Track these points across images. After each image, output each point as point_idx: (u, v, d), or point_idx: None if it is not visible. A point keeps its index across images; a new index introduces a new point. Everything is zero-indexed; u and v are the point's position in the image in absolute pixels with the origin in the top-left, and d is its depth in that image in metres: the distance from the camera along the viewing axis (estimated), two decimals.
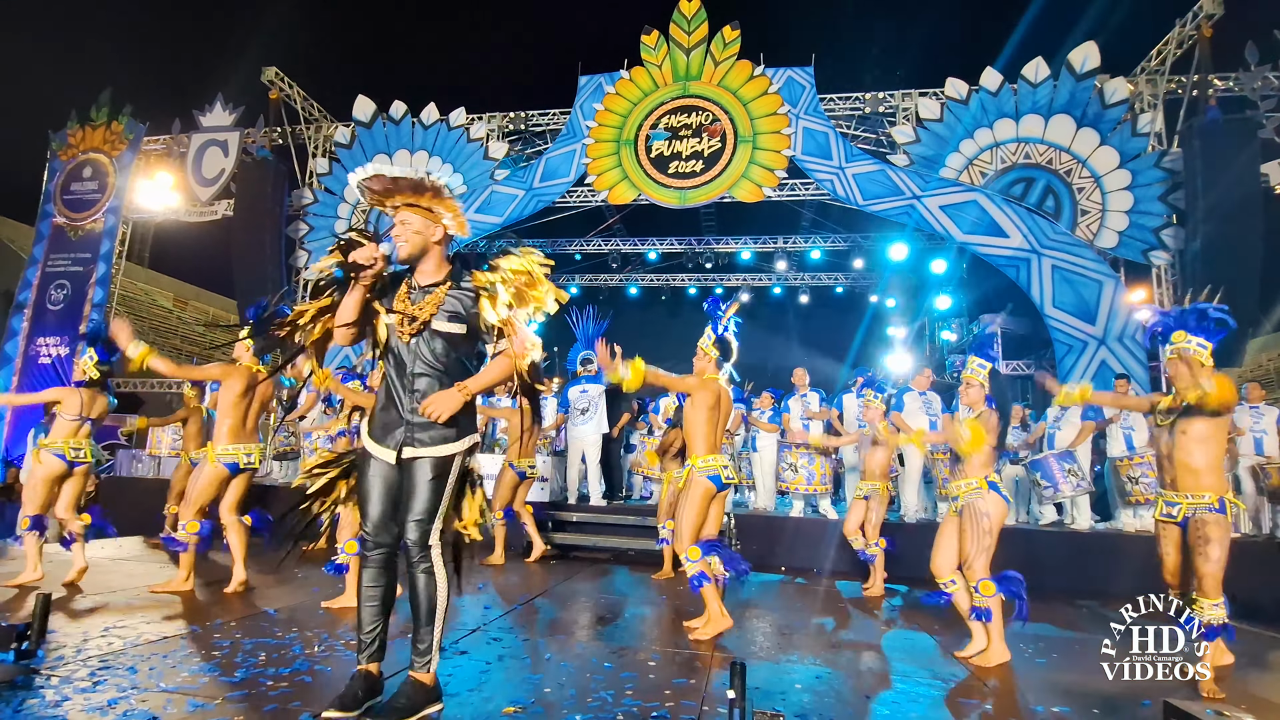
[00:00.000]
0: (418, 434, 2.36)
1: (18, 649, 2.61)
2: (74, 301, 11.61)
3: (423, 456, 2.35)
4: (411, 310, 2.41)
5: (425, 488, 2.33)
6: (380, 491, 2.38)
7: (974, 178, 9.57)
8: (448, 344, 2.41)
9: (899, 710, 2.70)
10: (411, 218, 2.40)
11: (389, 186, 2.38)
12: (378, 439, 2.40)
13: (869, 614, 4.63)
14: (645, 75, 10.27)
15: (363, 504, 2.40)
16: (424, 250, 2.44)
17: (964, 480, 3.52)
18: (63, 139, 12.20)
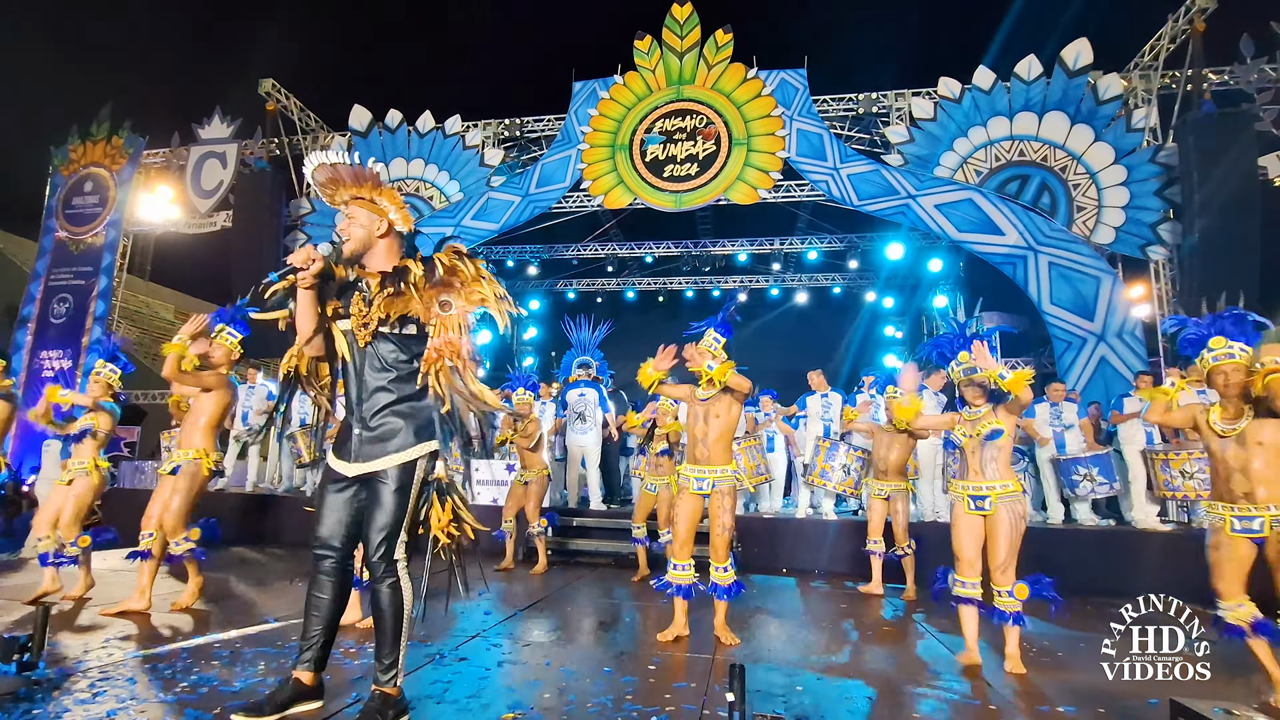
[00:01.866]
0: (368, 447, 2.29)
1: (19, 660, 2.62)
2: (76, 315, 11.66)
3: (376, 470, 2.28)
4: (366, 314, 2.29)
5: (385, 500, 2.26)
6: (334, 503, 2.32)
7: (968, 176, 9.58)
8: (398, 346, 2.31)
9: (902, 712, 2.70)
10: (357, 211, 2.36)
11: (331, 176, 2.35)
12: (336, 451, 2.36)
13: (875, 615, 4.62)
14: (639, 80, 10.31)
15: (317, 512, 2.35)
16: (368, 245, 2.37)
17: (999, 482, 3.36)
18: (64, 154, 12.26)
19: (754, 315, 14.44)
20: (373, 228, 2.37)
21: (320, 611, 2.31)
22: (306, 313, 2.30)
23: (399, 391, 2.31)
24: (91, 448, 4.50)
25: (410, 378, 2.32)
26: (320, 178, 2.35)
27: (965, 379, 3.51)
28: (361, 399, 2.31)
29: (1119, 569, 5.65)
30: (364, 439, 2.29)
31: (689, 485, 3.77)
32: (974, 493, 3.39)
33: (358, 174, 2.34)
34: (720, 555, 3.64)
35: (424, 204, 10.91)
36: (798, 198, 10.09)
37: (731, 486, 3.71)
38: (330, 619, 2.34)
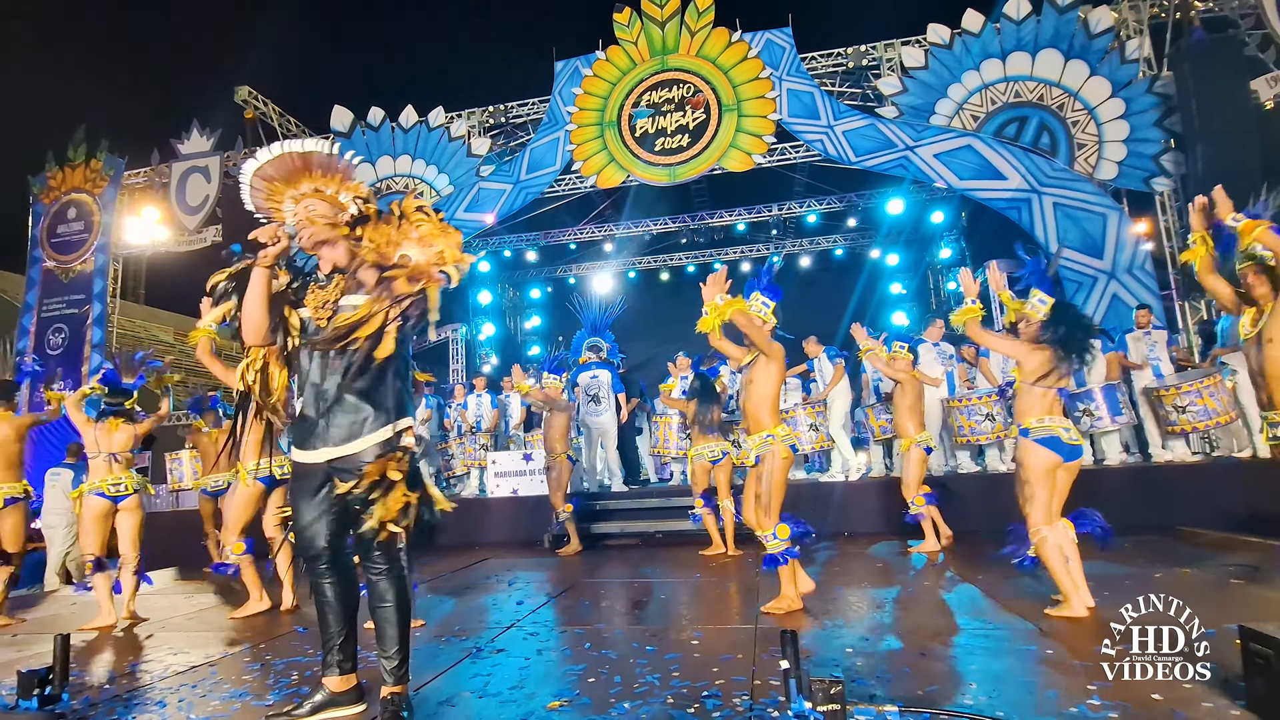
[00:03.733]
0: (339, 430, 2.16)
1: (40, 694, 2.53)
2: (73, 344, 11.55)
3: (353, 453, 2.15)
4: (324, 297, 2.23)
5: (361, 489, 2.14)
6: (309, 500, 2.20)
7: (966, 122, 9.38)
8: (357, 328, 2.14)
9: (957, 664, 2.60)
10: (317, 203, 2.22)
11: (298, 166, 2.20)
12: (301, 444, 2.23)
13: (909, 571, 4.52)
14: (621, 54, 10.07)
15: (294, 514, 2.22)
16: (331, 239, 2.24)
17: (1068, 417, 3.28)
18: (43, 182, 12.09)
19: None
20: (338, 220, 2.24)
21: (331, 612, 2.22)
22: (261, 297, 2.16)
23: (360, 376, 2.17)
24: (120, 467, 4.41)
25: (368, 360, 2.14)
26: (275, 171, 2.19)
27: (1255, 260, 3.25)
28: (326, 385, 2.18)
29: (1150, 504, 5.56)
30: (334, 424, 2.16)
31: (748, 458, 3.64)
32: (1066, 427, 3.17)
33: (329, 161, 2.22)
34: (765, 522, 3.49)
35: None
36: (793, 160, 9.89)
37: (771, 451, 3.51)
38: (345, 616, 2.24)
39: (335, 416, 2.16)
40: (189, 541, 6.62)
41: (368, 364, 2.12)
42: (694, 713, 2.24)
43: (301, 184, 2.22)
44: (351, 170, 2.27)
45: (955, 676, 2.45)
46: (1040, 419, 3.16)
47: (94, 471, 4.32)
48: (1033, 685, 2.35)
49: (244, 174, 2.23)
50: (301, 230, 2.21)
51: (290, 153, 2.19)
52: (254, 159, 2.21)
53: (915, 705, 2.15)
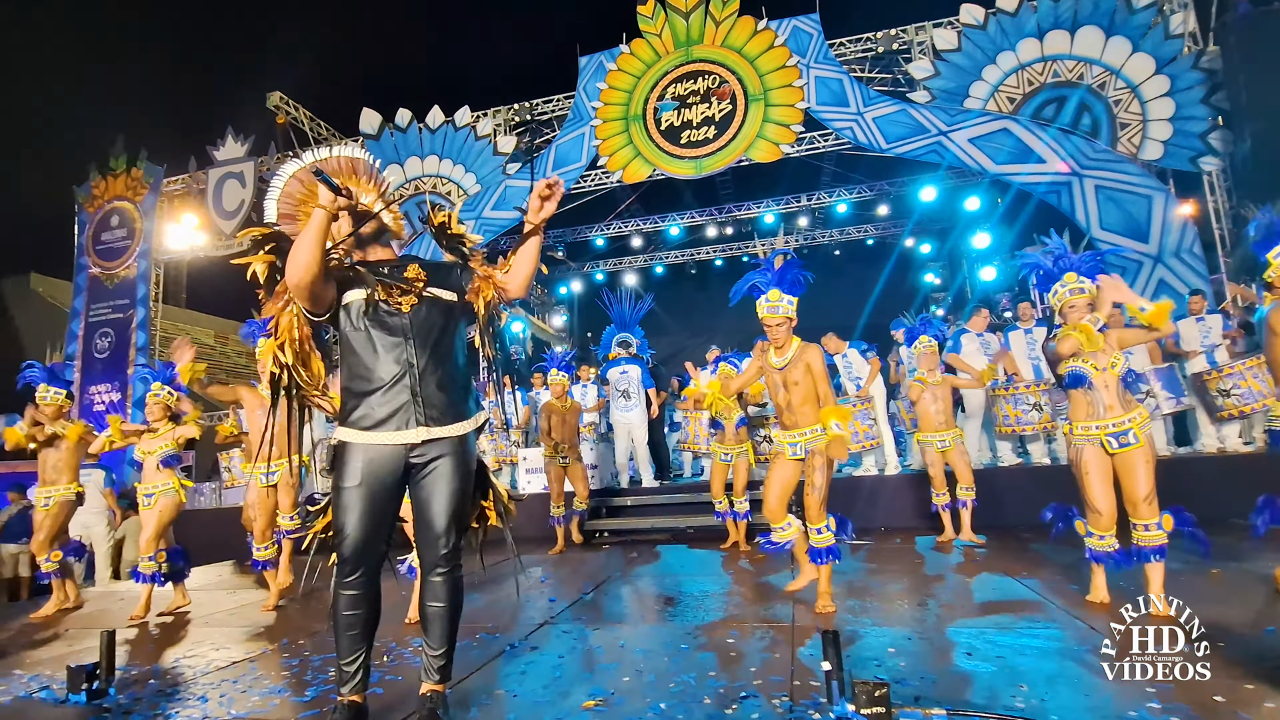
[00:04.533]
0: (431, 412, 2.09)
1: (89, 689, 2.58)
2: (119, 348, 11.91)
3: (443, 436, 2.09)
4: (399, 283, 2.16)
5: (454, 487, 2.09)
6: (368, 504, 2.04)
7: (1001, 105, 9.09)
8: (445, 313, 2.20)
9: (1006, 664, 2.50)
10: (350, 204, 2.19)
11: (335, 171, 2.20)
12: (376, 427, 2.06)
13: (950, 567, 4.40)
14: (645, 47, 9.99)
15: (348, 512, 2.04)
16: (377, 233, 2.25)
17: (1136, 411, 3.14)
18: (87, 191, 12.46)
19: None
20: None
21: (357, 630, 2.07)
22: (317, 237, 1.95)
23: (450, 361, 2.18)
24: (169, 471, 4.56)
25: (452, 345, 2.21)
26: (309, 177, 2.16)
27: (1071, 300, 3.19)
28: (414, 366, 2.09)
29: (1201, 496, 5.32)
30: (425, 405, 2.08)
31: (784, 451, 3.59)
32: (1115, 430, 3.13)
33: (371, 168, 2.28)
34: (815, 516, 3.45)
35: (443, 200, 10.81)
36: (822, 149, 9.69)
37: (824, 445, 3.47)
38: (372, 633, 2.12)
39: (428, 400, 2.09)
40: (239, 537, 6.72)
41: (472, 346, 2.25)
42: (732, 713, 2.19)
43: (351, 185, 2.21)
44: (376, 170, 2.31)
45: (1004, 678, 2.36)
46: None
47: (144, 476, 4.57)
48: (1088, 687, 2.24)
49: (280, 177, 2.23)
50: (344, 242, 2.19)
51: (339, 155, 2.21)
52: (295, 161, 2.22)
53: (963, 709, 2.07)
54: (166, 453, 4.54)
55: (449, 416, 2.12)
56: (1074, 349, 3.13)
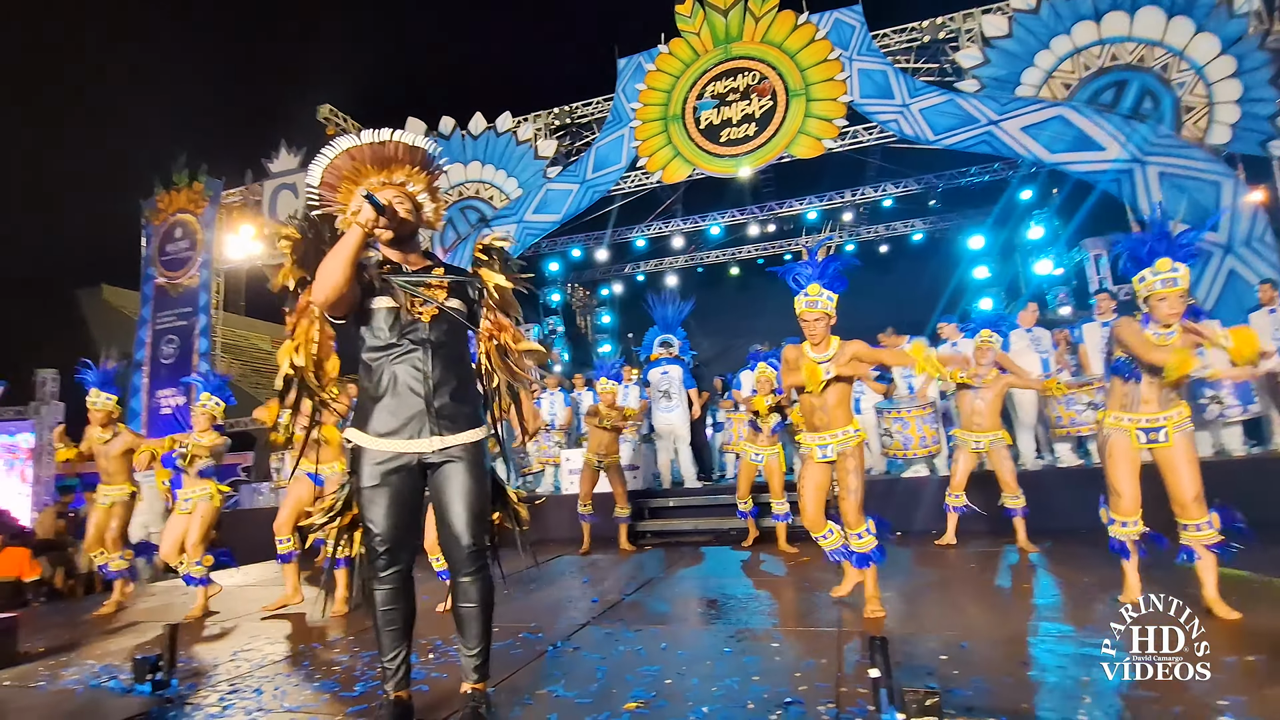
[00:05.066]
0: (444, 424, 2.12)
1: (153, 680, 2.69)
2: (183, 353, 12.45)
3: (456, 444, 2.12)
4: (423, 290, 2.16)
5: (468, 487, 2.12)
6: (391, 502, 2.08)
7: (1056, 92, 8.73)
8: (457, 324, 2.22)
9: (1066, 674, 2.38)
10: (398, 193, 2.18)
11: (394, 156, 2.15)
12: (390, 434, 2.10)
13: (1003, 572, 4.23)
14: (684, 46, 9.94)
15: (375, 510, 2.08)
16: (412, 234, 2.25)
17: (1174, 409, 2.96)
18: (152, 205, 13.07)
19: None
20: (415, 215, 2.24)
21: (396, 626, 2.12)
22: (349, 257, 1.97)
23: (463, 369, 2.23)
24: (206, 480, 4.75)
25: (463, 353, 2.26)
26: (369, 155, 2.13)
27: (1162, 291, 2.89)
28: (426, 375, 2.12)
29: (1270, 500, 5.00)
30: (436, 416, 2.11)
31: (813, 454, 3.48)
32: (1147, 425, 2.97)
33: (429, 158, 2.23)
34: (853, 520, 3.35)
35: (485, 205, 10.98)
36: (866, 143, 9.48)
37: (856, 447, 3.39)
38: (410, 630, 2.17)
39: (443, 409, 2.13)
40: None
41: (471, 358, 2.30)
42: (775, 719, 2.14)
43: (396, 172, 2.19)
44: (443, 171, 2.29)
45: (1064, 688, 2.25)
46: None
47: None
48: (1155, 698, 2.12)
49: (334, 147, 2.15)
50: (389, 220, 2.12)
51: (392, 140, 2.15)
52: (351, 136, 2.13)
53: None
54: (202, 464, 4.72)
55: (461, 425, 2.15)
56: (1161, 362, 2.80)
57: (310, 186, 2.15)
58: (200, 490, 4.67)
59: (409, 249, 2.26)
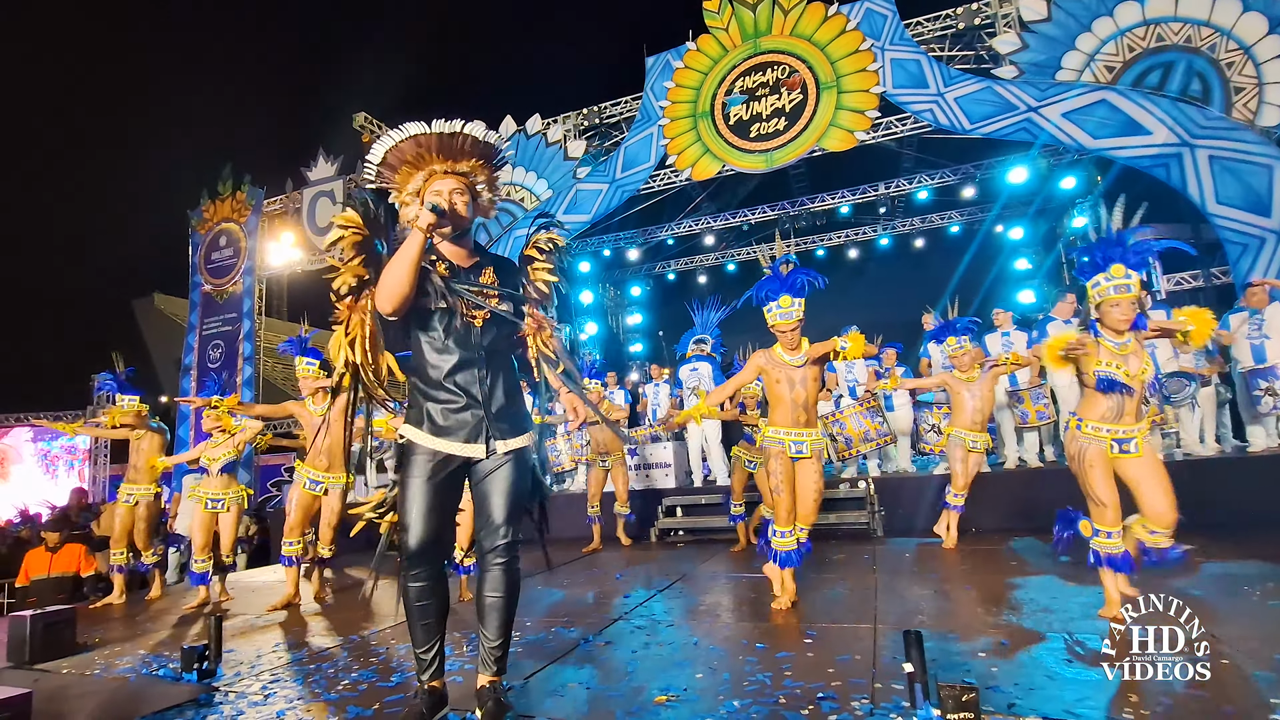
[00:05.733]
0: (501, 427, 2.17)
1: (199, 668, 2.78)
2: (229, 357, 12.86)
3: (511, 449, 2.19)
4: (475, 294, 2.20)
5: (514, 483, 2.17)
6: (433, 499, 2.11)
7: (1099, 75, 8.45)
8: (507, 326, 2.26)
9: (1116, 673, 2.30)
10: (460, 184, 2.19)
11: (459, 147, 2.14)
12: (448, 436, 2.14)
13: (1049, 571, 4.11)
14: (712, 42, 9.89)
15: (413, 508, 2.10)
16: (468, 227, 2.26)
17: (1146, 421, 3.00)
18: (199, 215, 13.54)
19: (862, 269, 13.65)
20: (473, 209, 2.26)
21: (431, 619, 2.15)
22: (414, 262, 2.02)
23: (512, 373, 2.29)
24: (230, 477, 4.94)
25: (511, 355, 2.32)
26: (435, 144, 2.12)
27: (1115, 298, 2.85)
28: (480, 378, 2.17)
29: None
30: (493, 420, 2.17)
31: (787, 449, 3.55)
32: (1124, 435, 2.91)
33: (490, 149, 2.21)
34: (795, 519, 3.57)
35: (516, 206, 11.10)
36: (900, 134, 9.29)
37: (822, 449, 3.64)
38: (444, 622, 2.20)
39: (495, 412, 2.17)
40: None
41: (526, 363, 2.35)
42: (808, 715, 2.11)
43: (461, 162, 2.18)
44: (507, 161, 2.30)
45: (1113, 687, 2.17)
46: None
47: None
48: (1204, 697, 2.03)
49: (402, 130, 2.12)
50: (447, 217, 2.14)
51: (466, 134, 2.13)
52: (420, 124, 2.11)
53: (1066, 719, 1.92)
54: (228, 460, 4.89)
55: (514, 430, 2.21)
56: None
57: (370, 163, 2.16)
58: (233, 491, 4.86)
59: (462, 243, 2.27)
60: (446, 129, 2.12)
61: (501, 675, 2.18)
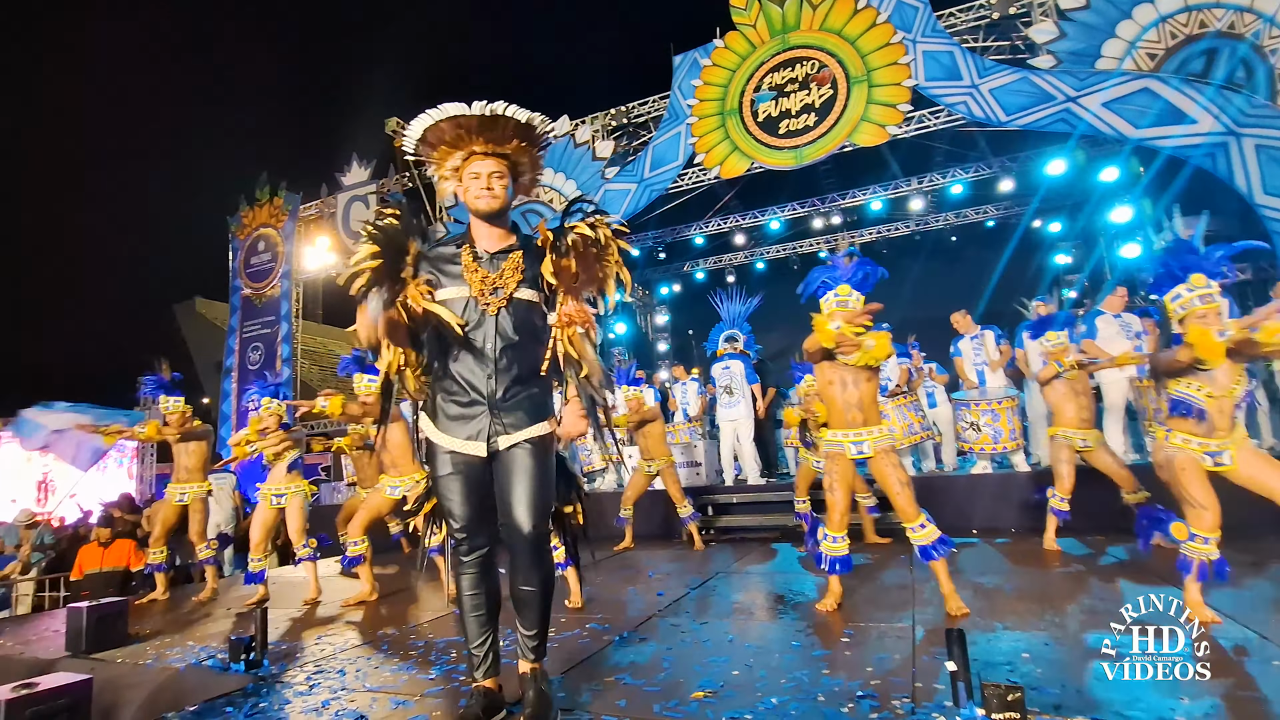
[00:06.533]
0: (508, 420, 2.09)
1: (246, 659, 2.86)
2: (268, 359, 13.18)
3: (520, 443, 2.10)
4: (494, 280, 2.10)
5: (531, 474, 2.08)
6: (465, 489, 2.10)
7: (1140, 63, 8.20)
8: (528, 313, 2.14)
9: (1162, 674, 2.23)
10: (500, 167, 2.12)
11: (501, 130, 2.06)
12: (453, 431, 2.11)
13: (1096, 572, 4.00)
14: (740, 39, 9.85)
15: (451, 501, 2.10)
16: (505, 208, 2.15)
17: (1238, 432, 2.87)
18: (238, 221, 13.91)
19: (894, 266, 13.41)
20: (512, 189, 2.17)
21: (482, 611, 2.13)
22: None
23: (529, 362, 2.14)
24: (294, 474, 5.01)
25: (536, 347, 2.16)
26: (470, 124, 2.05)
27: (1202, 309, 2.72)
28: (489, 370, 2.09)
29: None
30: (499, 414, 2.09)
31: (846, 450, 3.44)
32: (1218, 448, 2.82)
33: (529, 126, 2.11)
34: (910, 514, 3.27)
35: (545, 208, 11.17)
36: (933, 127, 9.13)
37: (891, 444, 3.41)
38: (496, 616, 2.17)
39: (507, 405, 2.11)
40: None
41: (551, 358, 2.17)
42: (848, 713, 2.09)
43: (503, 147, 2.11)
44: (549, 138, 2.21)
45: (1162, 689, 2.11)
46: None
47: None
48: (1258, 698, 1.97)
49: (440, 110, 2.05)
50: (477, 198, 2.11)
51: (508, 116, 2.05)
52: (460, 104, 2.04)
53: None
54: (292, 457, 4.98)
55: (525, 421, 2.12)
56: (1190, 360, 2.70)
57: (408, 137, 2.11)
58: (295, 486, 4.95)
59: (497, 224, 2.18)
60: (487, 111, 2.04)
61: (539, 663, 2.15)
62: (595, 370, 2.18)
